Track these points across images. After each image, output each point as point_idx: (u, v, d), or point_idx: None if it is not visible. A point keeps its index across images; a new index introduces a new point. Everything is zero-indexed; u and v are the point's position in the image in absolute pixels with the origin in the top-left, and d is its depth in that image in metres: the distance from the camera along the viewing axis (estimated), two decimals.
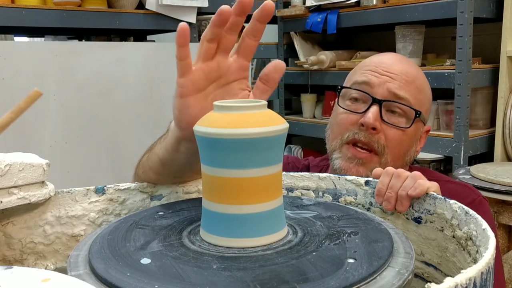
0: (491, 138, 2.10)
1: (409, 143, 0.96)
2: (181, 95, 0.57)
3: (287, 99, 2.98)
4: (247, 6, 0.54)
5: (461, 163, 1.99)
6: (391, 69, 0.95)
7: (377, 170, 0.71)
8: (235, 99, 0.58)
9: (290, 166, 1.07)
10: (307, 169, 1.07)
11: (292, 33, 2.75)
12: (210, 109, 0.53)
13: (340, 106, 0.98)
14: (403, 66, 0.96)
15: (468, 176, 1.77)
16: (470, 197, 0.92)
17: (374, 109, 0.92)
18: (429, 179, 0.94)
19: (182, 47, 0.55)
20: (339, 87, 1.00)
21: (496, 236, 0.94)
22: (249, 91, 0.61)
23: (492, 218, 0.94)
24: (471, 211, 0.55)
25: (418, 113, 0.94)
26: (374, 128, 0.92)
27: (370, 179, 0.70)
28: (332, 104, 1.78)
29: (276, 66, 0.59)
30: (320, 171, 0.93)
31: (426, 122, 1.00)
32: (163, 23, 2.35)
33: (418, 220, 0.64)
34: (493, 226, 0.93)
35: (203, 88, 0.58)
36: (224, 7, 0.54)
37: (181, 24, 0.54)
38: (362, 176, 0.73)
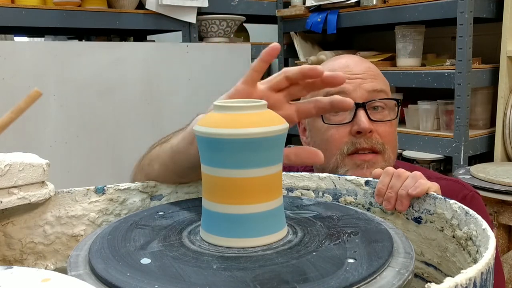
0: (491, 138, 2.10)
1: (396, 132, 0.99)
2: (232, 97, 0.60)
3: None
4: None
5: (461, 163, 1.99)
6: (356, 70, 0.96)
7: (377, 170, 0.71)
8: (235, 99, 0.59)
9: (285, 171, 1.08)
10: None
11: (292, 33, 2.75)
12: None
13: (325, 123, 0.96)
14: (362, 64, 0.98)
15: (468, 176, 1.78)
16: (462, 192, 0.92)
17: (362, 113, 0.92)
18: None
19: (264, 62, 0.60)
20: None
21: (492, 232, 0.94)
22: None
23: (486, 212, 0.94)
24: (471, 211, 0.55)
25: (399, 102, 0.96)
26: (370, 131, 0.92)
27: (370, 179, 0.70)
28: None
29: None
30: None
31: None
32: (163, 23, 2.35)
33: (418, 220, 0.63)
34: (489, 222, 0.93)
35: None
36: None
37: (275, 44, 0.60)
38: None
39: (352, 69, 0.95)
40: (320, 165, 0.95)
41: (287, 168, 1.08)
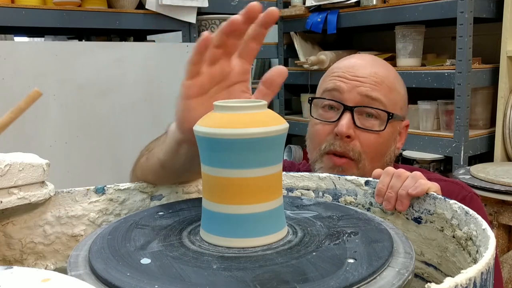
0: (491, 138, 2.10)
1: (386, 144, 0.95)
2: (186, 97, 0.58)
3: (287, 99, 2.98)
4: (256, 13, 0.55)
5: (461, 163, 1.99)
6: (359, 73, 0.94)
7: (377, 170, 0.72)
8: (235, 99, 0.59)
9: (286, 170, 1.08)
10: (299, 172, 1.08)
11: (292, 33, 2.75)
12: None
13: (313, 117, 0.98)
14: (371, 68, 0.95)
15: (468, 176, 1.77)
16: (461, 194, 0.92)
17: (347, 116, 0.91)
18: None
19: (199, 54, 0.56)
20: (310, 98, 1.00)
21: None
22: (250, 94, 0.62)
23: (485, 213, 0.94)
24: (471, 211, 0.55)
25: (390, 115, 0.93)
26: (348, 136, 0.91)
27: (370, 179, 0.70)
28: None
29: (280, 71, 0.60)
30: None
31: (404, 118, 0.99)
32: (163, 23, 2.35)
33: (418, 220, 0.63)
34: (487, 222, 0.93)
35: (207, 90, 0.59)
36: (236, 17, 0.55)
37: (206, 34, 0.55)
38: None
39: (355, 71, 0.94)
40: (309, 154, 1.00)
41: (287, 168, 1.09)
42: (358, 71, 0.94)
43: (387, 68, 0.99)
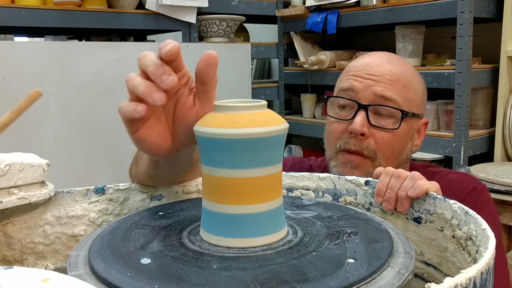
0: (491, 138, 2.10)
1: (401, 143, 0.96)
2: (132, 131, 0.54)
3: (287, 99, 2.98)
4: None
5: (461, 163, 1.99)
6: (374, 71, 0.94)
7: (379, 169, 0.72)
8: (234, 100, 0.58)
9: (297, 166, 1.08)
10: (311, 168, 1.08)
11: (292, 33, 2.75)
12: (166, 127, 0.54)
13: (329, 116, 0.99)
14: (386, 66, 0.95)
15: None
16: (471, 185, 0.93)
17: (361, 115, 0.92)
18: (431, 173, 0.94)
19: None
20: (325, 97, 1.01)
21: (498, 225, 0.94)
22: (194, 96, 0.56)
23: (494, 205, 0.94)
24: (471, 211, 0.55)
25: (404, 114, 0.93)
26: (362, 134, 0.92)
27: (370, 179, 0.70)
28: None
29: (207, 60, 0.52)
30: (323, 171, 0.94)
31: (422, 116, 1.00)
32: (163, 23, 2.35)
33: (418, 220, 0.64)
34: (495, 213, 0.94)
35: (151, 113, 0.54)
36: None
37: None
38: None
39: (370, 69, 0.94)
40: (326, 152, 1.00)
41: (298, 164, 1.09)
42: (373, 69, 0.94)
43: (403, 66, 0.98)
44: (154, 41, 2.93)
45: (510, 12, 1.97)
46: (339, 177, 0.71)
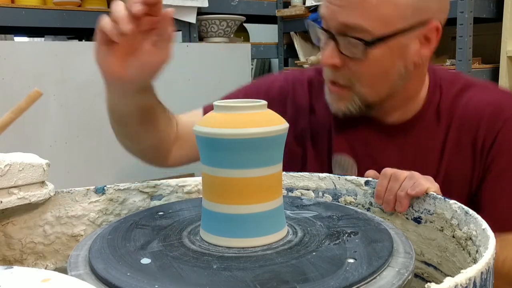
0: None
1: (384, 65, 0.84)
2: (106, 54, 0.73)
3: None
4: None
5: None
6: None
7: (369, 172, 0.72)
8: (236, 99, 0.58)
9: (291, 85, 1.01)
10: (311, 82, 1.00)
11: (292, 33, 2.75)
12: (126, 56, 0.72)
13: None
14: None
15: None
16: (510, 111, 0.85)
17: (330, 45, 0.84)
18: (461, 86, 0.95)
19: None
20: (306, 22, 0.92)
21: None
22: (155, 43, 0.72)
23: None
24: (470, 211, 0.55)
25: (369, 42, 0.80)
26: (335, 65, 0.84)
27: (370, 179, 0.70)
28: None
29: (164, 15, 0.68)
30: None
31: (415, 26, 0.83)
32: None
33: (418, 220, 0.64)
34: None
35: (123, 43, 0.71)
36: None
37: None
38: (342, 110, 0.84)
39: None
40: None
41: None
42: None
43: None
44: None
45: (510, 12, 1.97)
46: (339, 177, 0.71)
